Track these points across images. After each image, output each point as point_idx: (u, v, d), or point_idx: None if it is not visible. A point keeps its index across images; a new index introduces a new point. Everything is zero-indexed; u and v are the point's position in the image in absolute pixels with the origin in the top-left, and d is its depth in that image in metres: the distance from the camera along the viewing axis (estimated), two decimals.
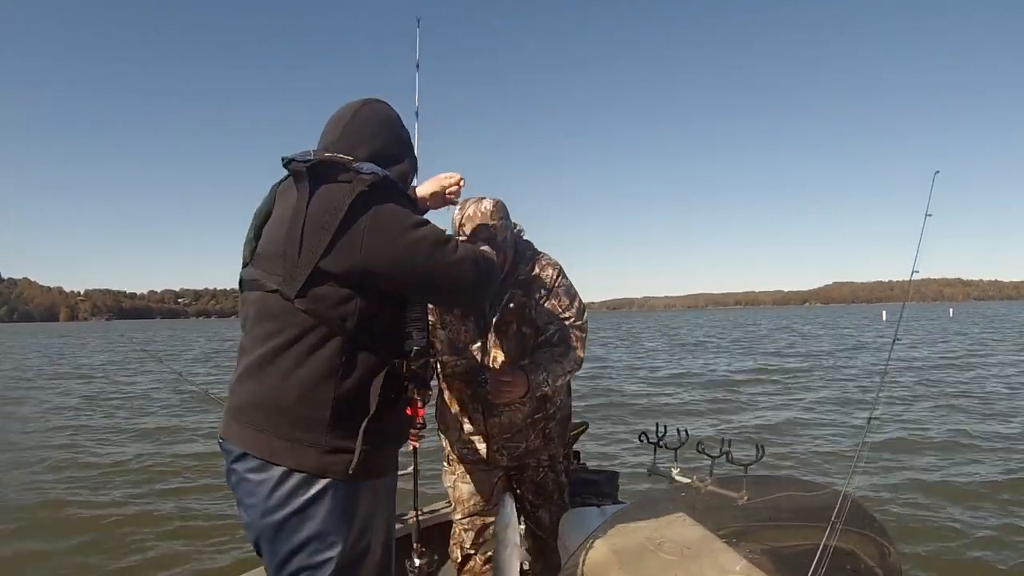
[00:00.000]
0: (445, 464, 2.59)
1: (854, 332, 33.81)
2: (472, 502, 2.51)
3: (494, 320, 2.40)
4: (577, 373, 2.49)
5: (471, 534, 2.51)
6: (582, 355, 2.45)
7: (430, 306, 2.35)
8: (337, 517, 1.50)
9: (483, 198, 2.37)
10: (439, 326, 2.46)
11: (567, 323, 2.44)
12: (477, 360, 2.41)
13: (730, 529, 2.27)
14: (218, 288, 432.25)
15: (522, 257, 2.46)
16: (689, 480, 2.40)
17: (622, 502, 2.71)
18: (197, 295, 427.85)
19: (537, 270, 2.45)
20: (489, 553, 2.46)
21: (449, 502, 2.61)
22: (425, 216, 1.70)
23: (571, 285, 2.51)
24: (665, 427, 2.49)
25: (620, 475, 2.82)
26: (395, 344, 1.59)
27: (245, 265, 1.67)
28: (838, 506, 2.11)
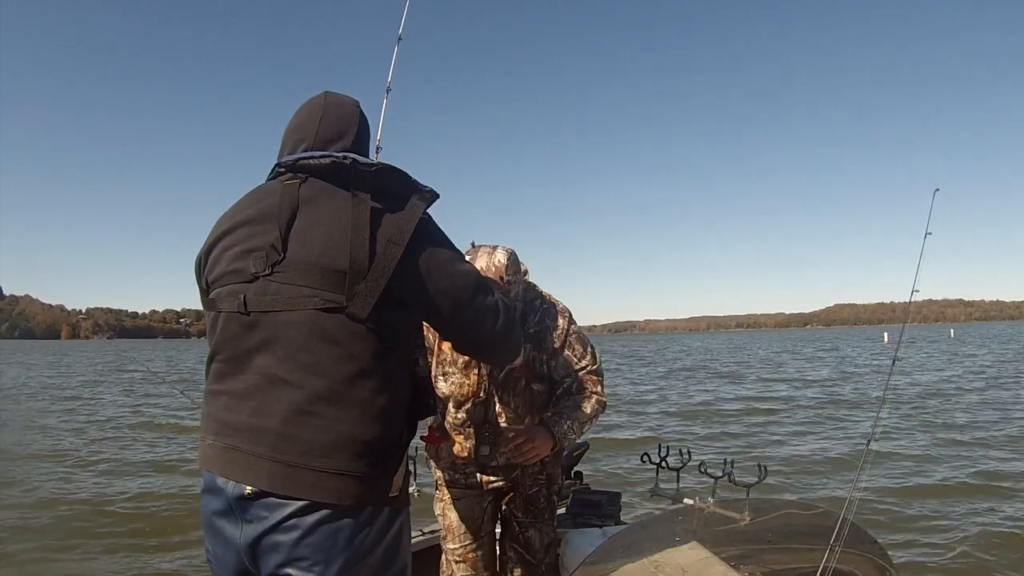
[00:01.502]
0: (435, 489, 2.53)
1: (854, 355, 33.73)
2: (462, 531, 2.45)
3: (501, 375, 2.33)
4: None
5: (462, 565, 2.46)
6: (604, 398, 2.40)
7: (432, 357, 2.35)
8: (407, 543, 1.49)
9: (495, 249, 2.30)
10: (439, 375, 2.38)
11: (583, 371, 2.39)
12: (481, 415, 2.34)
13: (731, 551, 2.26)
14: None
15: (532, 308, 2.39)
16: (692, 502, 2.40)
17: (624, 523, 2.71)
18: (199, 315, 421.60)
19: (547, 321, 2.39)
20: None
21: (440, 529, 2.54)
22: None
23: (581, 331, 2.44)
24: (668, 448, 2.50)
25: (622, 495, 2.81)
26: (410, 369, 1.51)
27: (250, 279, 1.41)
28: (838, 528, 2.12)
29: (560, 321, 2.39)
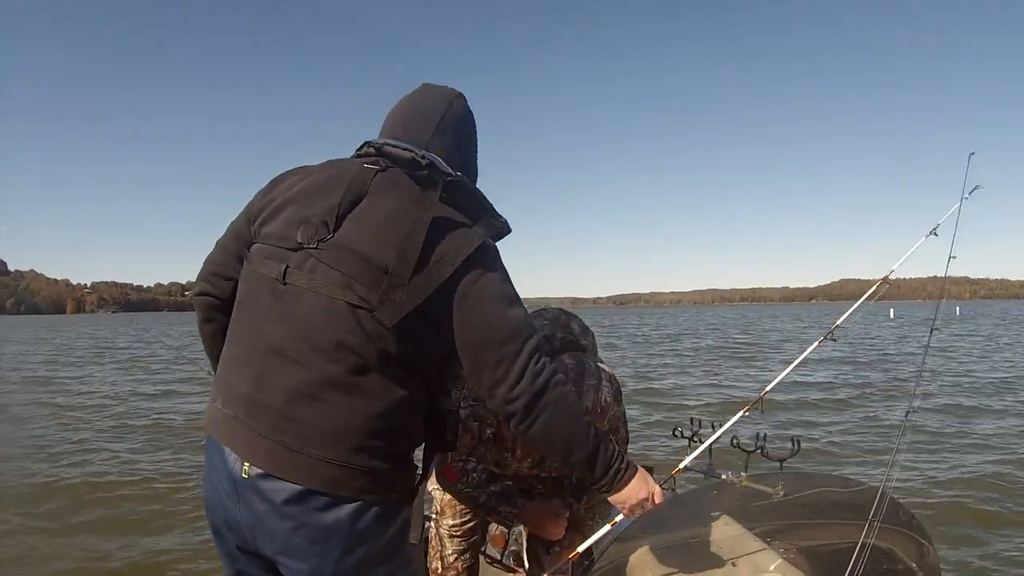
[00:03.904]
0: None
1: (865, 330, 33.59)
2: (461, 507, 2.28)
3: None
4: None
5: (456, 540, 2.32)
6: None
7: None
8: (409, 538, 1.45)
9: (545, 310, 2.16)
10: (499, 458, 2.12)
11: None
12: (511, 489, 2.15)
13: (766, 527, 2.23)
14: None
15: (582, 383, 2.05)
16: (724, 476, 2.34)
17: None
18: None
19: (598, 399, 2.07)
20: (471, 562, 2.33)
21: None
22: None
23: (624, 411, 2.19)
24: (700, 421, 2.43)
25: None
26: (435, 396, 1.44)
27: (294, 247, 1.37)
28: (876, 503, 2.07)
29: (610, 399, 2.07)
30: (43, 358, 23.20)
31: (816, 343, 2.39)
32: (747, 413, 2.29)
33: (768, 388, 2.30)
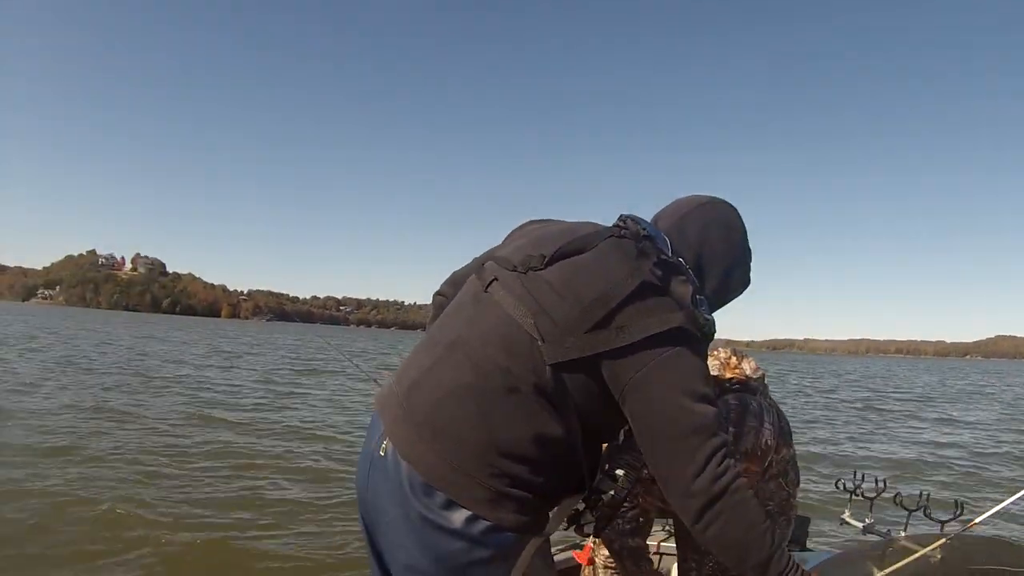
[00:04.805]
0: None
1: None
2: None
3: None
4: None
5: (611, 572, 2.29)
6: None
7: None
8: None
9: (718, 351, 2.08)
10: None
11: (787, 498, 2.11)
12: (644, 552, 2.16)
13: None
14: (379, 299, 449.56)
15: (743, 424, 1.98)
16: (884, 534, 2.37)
17: (809, 549, 2.51)
18: (359, 304, 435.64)
19: (758, 442, 2.00)
20: None
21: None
22: None
23: (794, 453, 2.11)
24: (863, 475, 2.46)
25: (810, 521, 2.80)
26: (579, 447, 1.39)
27: (509, 268, 1.43)
28: None
29: (768, 437, 1.99)
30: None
31: None
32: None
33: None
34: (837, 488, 2.54)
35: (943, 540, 2.17)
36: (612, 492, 1.45)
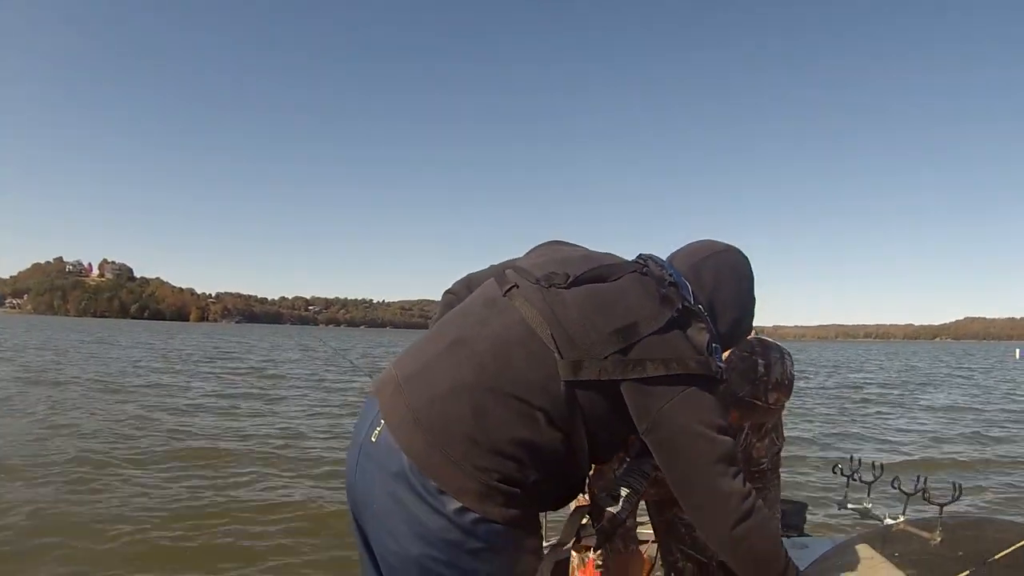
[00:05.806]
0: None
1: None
2: None
3: None
4: None
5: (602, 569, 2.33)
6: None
7: None
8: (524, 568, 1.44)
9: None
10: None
11: (777, 452, 2.19)
12: (633, 534, 2.25)
13: (920, 572, 2.17)
14: (348, 298, 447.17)
15: (768, 354, 2.02)
16: (882, 518, 2.34)
17: (807, 534, 2.47)
18: (328, 303, 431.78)
19: (785, 371, 2.05)
20: None
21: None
22: None
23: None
24: (859, 460, 2.43)
25: (807, 506, 2.77)
26: (582, 462, 1.44)
27: (532, 280, 1.45)
28: None
29: (791, 368, 2.03)
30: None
31: None
32: None
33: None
34: (834, 473, 2.52)
35: (944, 522, 2.16)
36: (615, 511, 1.51)
